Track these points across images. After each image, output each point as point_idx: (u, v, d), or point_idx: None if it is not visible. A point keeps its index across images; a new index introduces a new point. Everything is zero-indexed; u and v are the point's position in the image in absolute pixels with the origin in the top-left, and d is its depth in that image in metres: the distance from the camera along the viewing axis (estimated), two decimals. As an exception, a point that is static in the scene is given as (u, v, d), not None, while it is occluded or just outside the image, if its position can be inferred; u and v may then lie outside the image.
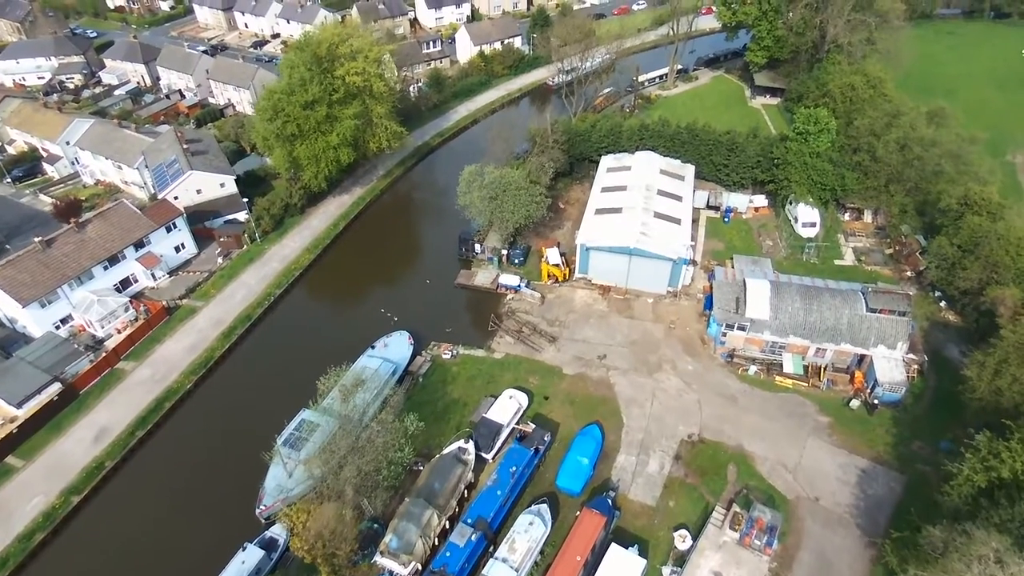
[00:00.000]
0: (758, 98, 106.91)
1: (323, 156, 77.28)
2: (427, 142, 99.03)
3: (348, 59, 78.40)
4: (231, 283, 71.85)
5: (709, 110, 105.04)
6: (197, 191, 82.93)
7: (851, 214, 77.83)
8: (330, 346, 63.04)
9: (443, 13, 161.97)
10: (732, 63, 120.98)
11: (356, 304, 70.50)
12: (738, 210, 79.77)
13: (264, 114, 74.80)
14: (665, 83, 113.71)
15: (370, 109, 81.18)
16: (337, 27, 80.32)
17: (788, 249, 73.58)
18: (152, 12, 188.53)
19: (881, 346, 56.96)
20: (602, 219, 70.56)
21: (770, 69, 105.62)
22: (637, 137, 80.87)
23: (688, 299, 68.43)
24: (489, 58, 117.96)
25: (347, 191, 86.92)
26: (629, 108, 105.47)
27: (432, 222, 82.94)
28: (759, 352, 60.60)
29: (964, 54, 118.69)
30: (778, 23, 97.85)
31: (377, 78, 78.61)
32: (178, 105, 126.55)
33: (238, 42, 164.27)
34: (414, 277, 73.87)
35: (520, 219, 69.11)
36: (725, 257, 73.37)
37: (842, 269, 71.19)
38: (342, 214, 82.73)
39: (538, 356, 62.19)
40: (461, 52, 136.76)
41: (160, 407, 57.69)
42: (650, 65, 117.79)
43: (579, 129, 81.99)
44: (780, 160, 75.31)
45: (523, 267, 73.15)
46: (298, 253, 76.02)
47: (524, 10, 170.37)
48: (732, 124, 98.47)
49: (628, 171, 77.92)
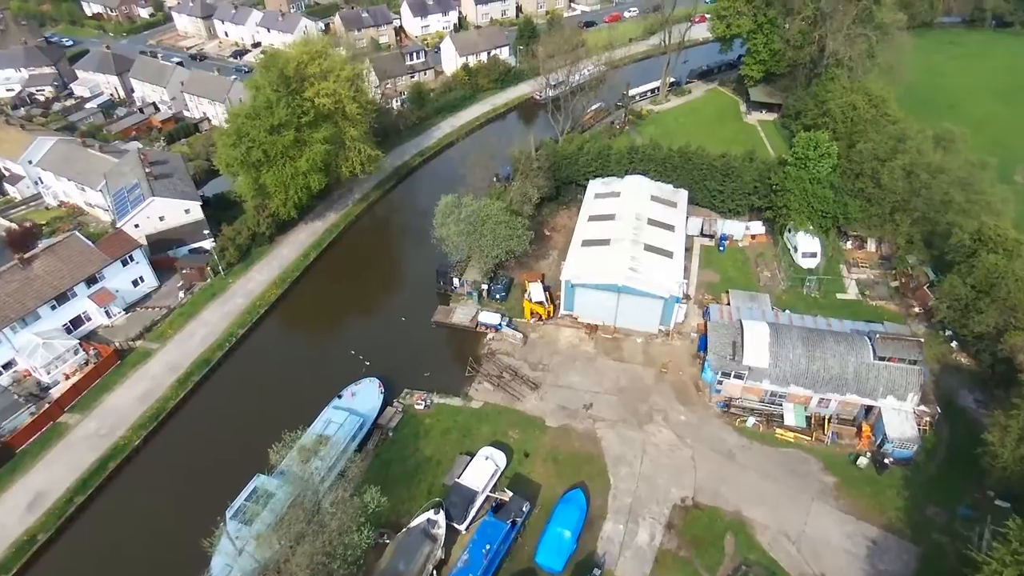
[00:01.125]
0: (754, 113, 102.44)
1: (292, 183, 72.30)
2: (407, 162, 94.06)
3: (319, 79, 73.44)
4: (191, 321, 66.79)
5: (703, 126, 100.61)
6: (160, 218, 77.93)
7: (854, 242, 73.36)
8: (294, 394, 58.23)
9: (429, 21, 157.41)
10: (726, 75, 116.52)
11: (325, 345, 65.44)
12: (734, 238, 75.20)
13: (227, 139, 69.79)
14: (657, 97, 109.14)
15: (343, 131, 76.20)
16: (306, 45, 75.29)
17: (787, 281, 69.00)
18: (131, 20, 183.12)
19: (890, 397, 52.39)
20: (589, 252, 65.80)
21: (766, 83, 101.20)
22: (626, 160, 76.18)
23: (681, 338, 63.77)
24: (474, 71, 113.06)
25: (320, 217, 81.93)
26: (619, 124, 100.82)
27: (410, 251, 77.96)
28: (758, 402, 55.94)
29: (966, 65, 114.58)
30: (774, 36, 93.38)
31: (350, 99, 73.61)
32: (151, 120, 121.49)
33: (218, 51, 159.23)
34: (389, 313, 68.89)
35: (501, 254, 64.29)
36: (720, 291, 68.78)
37: (845, 304, 66.68)
38: (314, 243, 77.72)
39: (519, 405, 57.39)
40: (446, 63, 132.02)
41: (103, 468, 52.62)
42: (641, 78, 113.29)
43: (565, 152, 77.23)
44: (778, 186, 70.74)
45: (505, 302, 68.35)
46: (265, 287, 71.00)
47: (513, 17, 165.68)
48: (727, 141, 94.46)
49: (617, 198, 73.20)
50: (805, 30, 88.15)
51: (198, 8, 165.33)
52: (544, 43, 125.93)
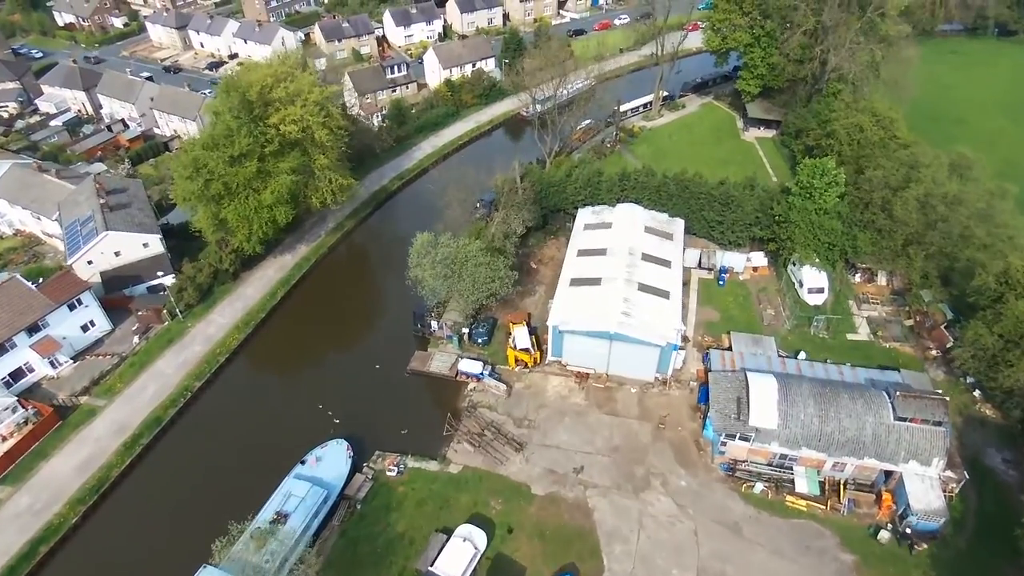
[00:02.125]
0: (751, 130, 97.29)
1: (256, 217, 66.51)
2: (385, 186, 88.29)
3: (285, 104, 67.71)
4: (143, 373, 60.93)
5: (698, 144, 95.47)
6: (116, 253, 72.09)
7: (863, 275, 68.25)
8: (253, 459, 52.64)
9: (412, 31, 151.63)
10: (721, 88, 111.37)
11: (290, 397, 59.58)
12: (734, 270, 69.97)
13: (183, 171, 63.96)
14: (649, 112, 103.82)
15: (312, 159, 70.46)
16: (271, 66, 69.51)
17: (793, 320, 63.78)
18: (104, 30, 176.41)
19: (913, 462, 47.17)
20: (578, 293, 60.35)
21: (763, 98, 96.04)
22: (618, 188, 70.78)
23: (679, 387, 58.44)
24: (457, 86, 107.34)
25: (290, 249, 76.16)
26: (610, 143, 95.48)
27: (387, 286, 72.00)
28: (766, 465, 50.63)
29: (971, 76, 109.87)
30: (772, 50, 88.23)
31: (319, 125, 67.87)
32: (118, 138, 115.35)
33: (193, 63, 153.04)
34: (362, 359, 63.15)
35: (481, 299, 58.74)
36: (721, 331, 63.52)
37: (856, 345, 61.56)
38: (282, 279, 71.92)
39: (502, 469, 51.89)
40: (430, 75, 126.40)
41: (34, 553, 46.77)
42: (633, 92, 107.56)
43: (552, 180, 71.77)
44: (782, 217, 65.55)
45: (488, 346, 62.87)
46: (226, 331, 65.17)
47: (500, 26, 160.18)
48: (724, 161, 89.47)
49: (608, 229, 67.84)
50: (806, 44, 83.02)
51: (172, 18, 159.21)
52: (531, 56, 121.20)
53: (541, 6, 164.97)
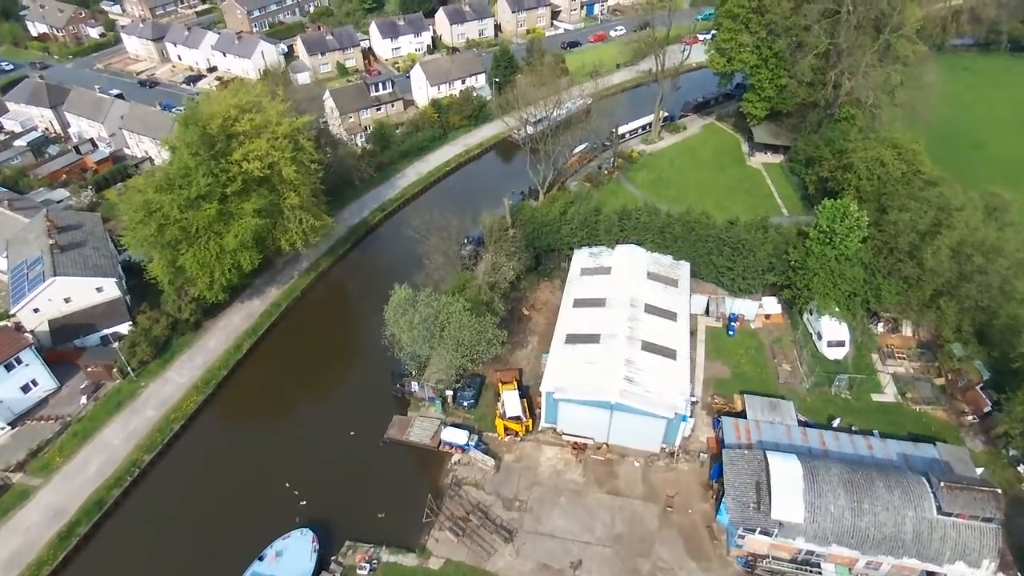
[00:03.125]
0: (757, 155, 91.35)
1: (218, 263, 60.00)
2: (366, 219, 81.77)
3: (250, 137, 61.24)
4: (87, 444, 54.30)
5: (702, 170, 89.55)
6: (66, 299, 65.49)
7: (886, 325, 62.30)
8: (206, 551, 46.22)
9: (400, 43, 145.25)
10: (724, 107, 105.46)
11: (253, 473, 52.71)
12: (745, 318, 63.94)
13: (133, 215, 57.43)
14: (649, 135, 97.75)
15: (282, 197, 63.97)
16: (235, 96, 62.94)
17: (812, 378, 57.69)
18: (79, 40, 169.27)
19: (960, 563, 41.12)
20: (574, 353, 54.08)
21: (771, 121, 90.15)
22: (617, 228, 64.55)
23: (688, 459, 52.24)
24: (444, 107, 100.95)
25: (259, 293, 69.62)
26: (608, 170, 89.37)
27: (364, 336, 65.23)
28: (789, 562, 44.47)
29: (986, 95, 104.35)
30: (781, 72, 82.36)
31: (287, 162, 61.39)
32: (85, 160, 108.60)
33: (170, 76, 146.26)
34: (335, 424, 56.61)
35: (466, 364, 52.38)
36: (732, 390, 57.42)
37: (883, 408, 55.57)
38: (248, 329, 65.34)
39: (489, 564, 45.58)
40: (417, 92, 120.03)
41: None
42: (631, 111, 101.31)
43: (545, 219, 65.50)
44: (798, 263, 59.53)
45: (474, 409, 56.53)
46: (184, 393, 58.58)
47: (491, 38, 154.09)
48: (730, 189, 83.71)
49: (607, 275, 61.67)
50: (817, 67, 77.06)
51: (149, 30, 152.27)
52: (524, 73, 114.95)
53: (534, 17, 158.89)
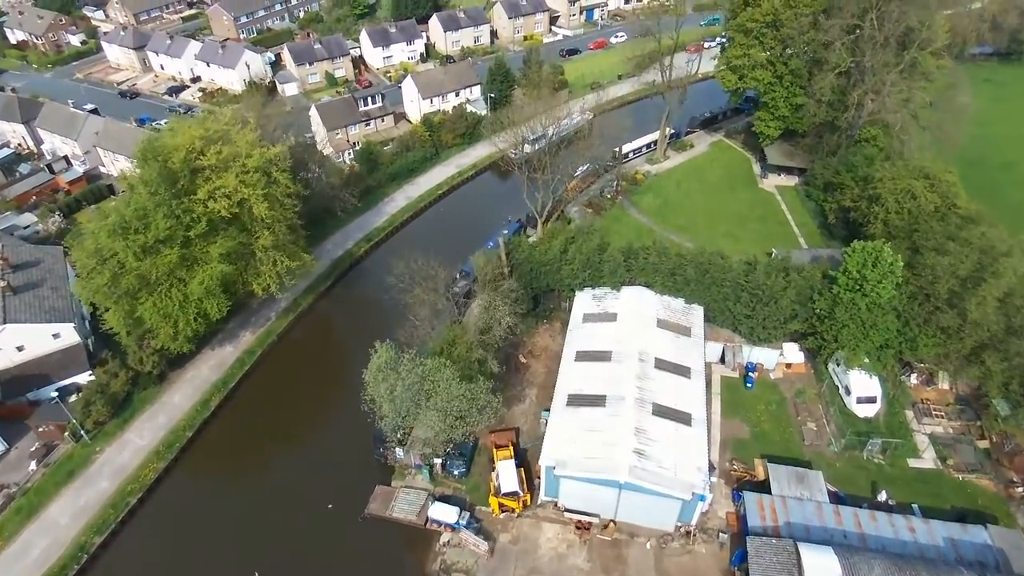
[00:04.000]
0: (770, 176, 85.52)
1: (182, 313, 54.08)
2: (350, 251, 75.80)
3: (218, 171, 55.32)
4: (32, 522, 48.51)
5: (711, 193, 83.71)
6: (18, 348, 59.68)
7: (920, 376, 56.58)
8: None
9: (392, 52, 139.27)
10: (732, 123, 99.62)
11: (216, 558, 46.86)
12: (764, 367, 58.21)
13: (85, 262, 51.53)
14: (654, 154, 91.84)
15: (254, 236, 58.06)
16: (202, 125, 56.96)
17: (841, 439, 51.97)
18: (59, 48, 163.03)
19: None
20: (577, 419, 48.29)
21: (784, 140, 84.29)
22: (623, 269, 58.67)
23: (707, 539, 46.48)
24: (436, 126, 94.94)
25: (231, 338, 63.76)
26: (611, 194, 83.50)
27: (346, 387, 57.57)
28: (827, 674, 38.76)
29: (1011, 109, 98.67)
30: (797, 90, 76.49)
31: (259, 199, 55.45)
32: (57, 180, 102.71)
33: (152, 86, 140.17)
34: (311, 495, 50.73)
35: (456, 436, 46.54)
36: (753, 453, 51.72)
37: (921, 475, 49.89)
38: (218, 382, 59.45)
39: (482, 675, 39.78)
40: (409, 106, 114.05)
41: None
42: (634, 126, 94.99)
43: (544, 258, 59.61)
44: (824, 311, 53.74)
45: (466, 478, 50.73)
46: (143, 459, 52.75)
47: (487, 45, 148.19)
48: (742, 216, 77.90)
49: (612, 323, 55.90)
50: (838, 86, 71.13)
51: (130, 38, 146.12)
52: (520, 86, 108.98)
53: (532, 23, 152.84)
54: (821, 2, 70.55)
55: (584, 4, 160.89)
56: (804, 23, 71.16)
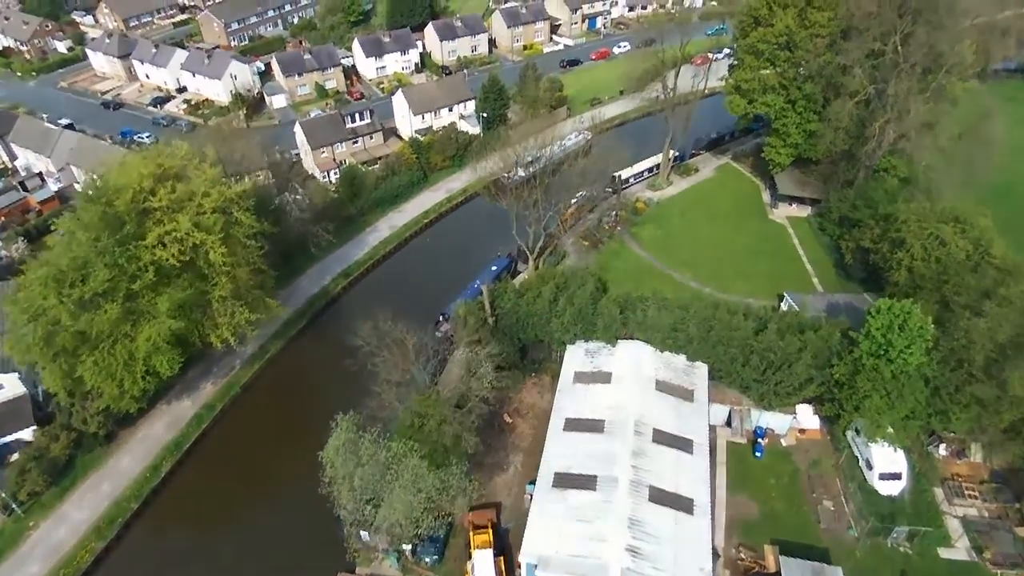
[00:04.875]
0: (781, 207, 79.58)
1: (127, 372, 48.63)
2: (326, 288, 70.16)
3: (171, 212, 49.82)
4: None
5: (717, 224, 77.91)
6: (-45, 402, 54.40)
7: (949, 447, 50.70)
8: None
9: (385, 62, 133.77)
10: (740, 145, 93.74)
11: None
12: (775, 432, 52.40)
13: (17, 316, 46.13)
14: (656, 180, 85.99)
15: (210, 283, 52.49)
16: (154, 161, 51.38)
17: (862, 522, 46.16)
18: (44, 55, 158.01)
19: None
20: (562, 504, 42.67)
21: (796, 166, 78.35)
22: (619, 323, 52.89)
23: (709, 645, 40.67)
24: (425, 147, 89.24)
25: (190, 389, 58.32)
26: (610, 224, 77.73)
27: (312, 451, 52.00)
28: None
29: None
30: (811, 115, 70.61)
31: (216, 243, 49.87)
32: (28, 200, 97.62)
33: (137, 97, 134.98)
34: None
35: (423, 530, 40.88)
36: (762, 537, 45.98)
37: (953, 568, 44.21)
38: (171, 443, 53.95)
39: None
40: (400, 121, 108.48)
41: None
42: (636, 149, 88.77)
43: (532, 309, 53.89)
44: (844, 378, 47.93)
45: (439, 565, 45.10)
46: (81, 537, 47.33)
47: (485, 54, 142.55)
48: (751, 250, 72.21)
49: (606, 385, 50.26)
50: (858, 116, 65.16)
51: (115, 46, 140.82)
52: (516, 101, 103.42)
53: (531, 32, 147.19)
54: (839, 23, 64.65)
55: (586, 12, 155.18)
56: (820, 45, 65.27)
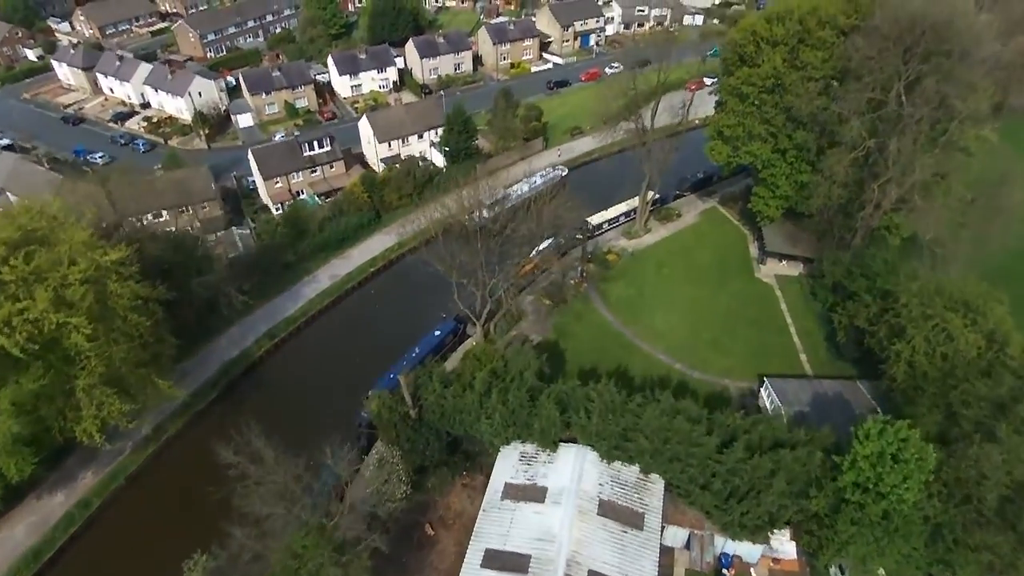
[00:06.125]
0: (769, 262, 70.92)
1: (-39, 478, 40.58)
2: (247, 351, 61.87)
3: (27, 285, 41.79)
4: None
5: (697, 282, 69.37)
6: None
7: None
8: None
9: (361, 79, 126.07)
10: (730, 186, 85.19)
11: None
12: (743, 560, 43.76)
13: None
14: (632, 227, 77.45)
15: (78, 365, 44.33)
16: (12, 223, 43.36)
17: None
18: (13, 64, 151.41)
19: None
20: None
21: (788, 218, 69.65)
22: (560, 425, 44.39)
23: None
24: (378, 184, 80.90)
25: (66, 480, 50.17)
26: (575, 280, 69.29)
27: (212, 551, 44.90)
28: None
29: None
30: (803, 165, 62.07)
31: (81, 326, 41.69)
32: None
33: (100, 111, 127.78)
34: None
35: None
36: None
37: None
38: (29, 552, 45.64)
39: None
40: (367, 147, 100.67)
41: None
42: (612, 189, 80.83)
43: (460, 404, 45.44)
44: (824, 512, 39.24)
45: None
46: None
47: (470, 72, 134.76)
48: (733, 315, 63.91)
49: (539, 506, 41.80)
50: (853, 172, 56.53)
51: (80, 57, 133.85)
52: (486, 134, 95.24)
53: (519, 50, 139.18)
54: (833, 64, 56.10)
55: (579, 30, 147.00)
56: (812, 90, 56.66)
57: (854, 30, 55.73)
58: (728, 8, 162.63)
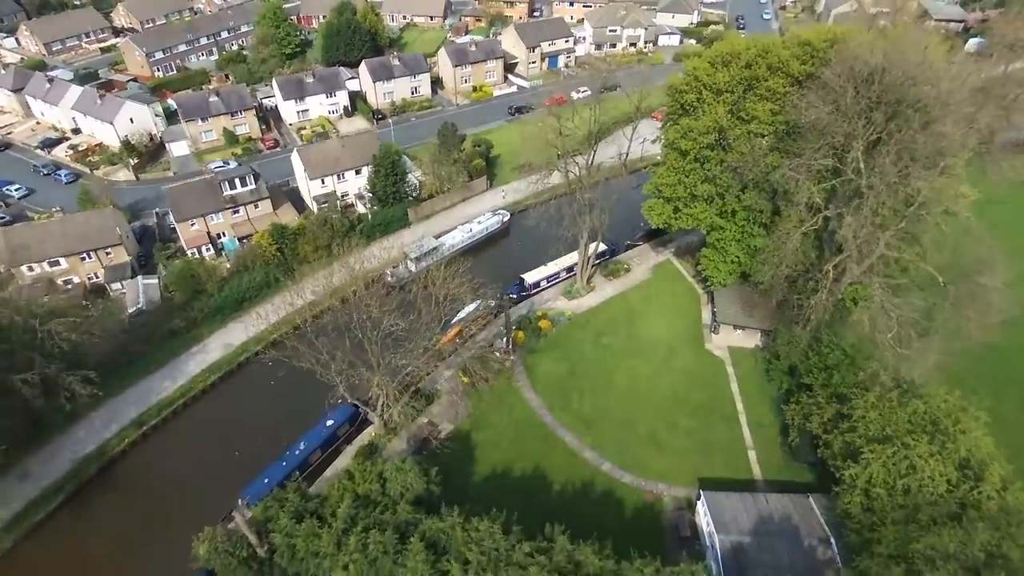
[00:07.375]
0: (723, 330, 62.56)
1: None
2: (108, 442, 52.98)
3: None
4: None
5: (641, 355, 61.12)
6: None
7: None
8: None
9: (308, 104, 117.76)
10: (686, 235, 76.60)
11: None
12: None
13: None
14: (573, 286, 69.01)
15: None
16: None
17: None
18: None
19: None
20: None
21: (742, 282, 61.30)
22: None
23: None
24: (290, 235, 72.20)
25: None
26: (502, 352, 60.75)
27: None
28: None
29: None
30: (755, 229, 53.79)
31: None
32: None
33: (29, 136, 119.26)
34: None
35: None
36: None
37: None
38: None
39: None
40: (301, 183, 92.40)
41: None
42: (562, 231, 71.46)
43: (316, 547, 36.71)
44: None
45: None
46: None
47: (429, 96, 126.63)
48: (678, 399, 55.90)
49: None
50: (805, 242, 48.30)
51: (9, 78, 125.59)
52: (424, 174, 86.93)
53: (482, 72, 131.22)
54: (782, 120, 47.85)
55: (546, 51, 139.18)
56: (761, 147, 48.42)
57: (809, 79, 47.54)
58: (707, 28, 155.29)
